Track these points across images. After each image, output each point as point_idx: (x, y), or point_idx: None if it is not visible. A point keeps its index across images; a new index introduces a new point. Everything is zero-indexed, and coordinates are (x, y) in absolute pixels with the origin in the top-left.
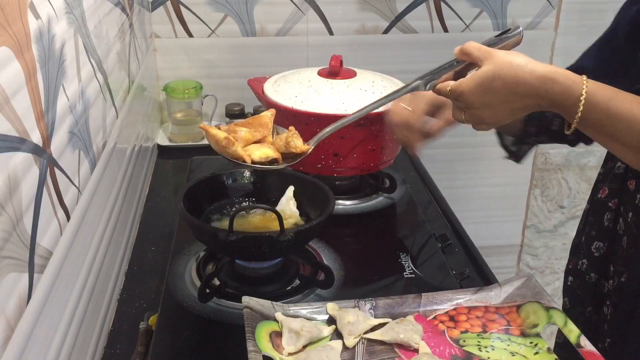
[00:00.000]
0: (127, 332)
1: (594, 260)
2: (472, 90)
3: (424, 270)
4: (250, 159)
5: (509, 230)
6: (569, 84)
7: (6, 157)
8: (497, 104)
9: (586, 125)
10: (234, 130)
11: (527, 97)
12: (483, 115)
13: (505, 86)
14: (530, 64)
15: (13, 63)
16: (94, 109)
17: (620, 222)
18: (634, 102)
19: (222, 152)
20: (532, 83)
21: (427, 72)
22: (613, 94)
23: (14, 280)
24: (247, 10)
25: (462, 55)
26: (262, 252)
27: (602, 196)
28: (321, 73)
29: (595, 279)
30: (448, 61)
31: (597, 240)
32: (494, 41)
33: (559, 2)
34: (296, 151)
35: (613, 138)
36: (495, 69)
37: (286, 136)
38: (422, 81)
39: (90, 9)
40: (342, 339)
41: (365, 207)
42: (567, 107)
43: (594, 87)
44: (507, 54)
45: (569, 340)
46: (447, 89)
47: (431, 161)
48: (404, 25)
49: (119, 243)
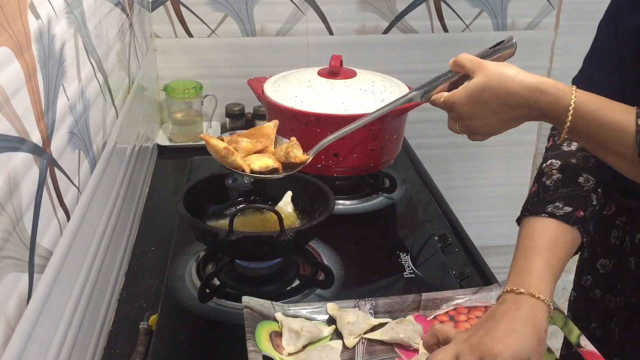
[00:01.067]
0: (127, 332)
1: (599, 277)
2: (463, 101)
3: (424, 270)
4: (249, 169)
5: (509, 230)
6: (557, 95)
7: (6, 157)
8: (488, 114)
9: (576, 134)
10: (235, 141)
11: (517, 108)
12: (475, 126)
13: (495, 97)
14: (520, 75)
15: (13, 63)
16: (94, 109)
17: (627, 241)
18: (623, 111)
19: (222, 161)
20: (522, 94)
21: (423, 83)
22: (601, 103)
23: (14, 280)
24: (247, 10)
25: (456, 66)
26: (262, 252)
27: (609, 213)
28: (321, 73)
29: (600, 295)
30: (443, 72)
31: (602, 257)
32: (488, 53)
33: (559, 2)
34: (296, 161)
35: (603, 147)
36: (486, 80)
37: (286, 146)
38: (418, 92)
39: (90, 9)
40: (342, 339)
41: (365, 207)
42: (556, 117)
43: (582, 97)
44: (498, 65)
45: (569, 340)
46: (441, 100)
47: (431, 161)
48: (404, 25)
49: (119, 243)
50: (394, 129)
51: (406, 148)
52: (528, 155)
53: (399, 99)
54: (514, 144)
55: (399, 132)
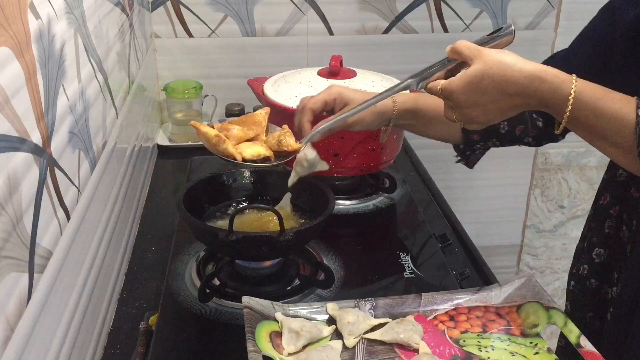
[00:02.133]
0: (127, 332)
1: (595, 267)
2: (461, 89)
3: (424, 270)
4: (241, 157)
5: (509, 230)
6: (557, 83)
7: (6, 157)
8: (486, 103)
9: (575, 124)
10: (226, 128)
11: (516, 96)
12: (473, 114)
13: (494, 85)
14: (519, 63)
15: (13, 63)
16: (94, 109)
17: (624, 230)
18: (622, 101)
19: (213, 149)
20: (521, 82)
21: (420, 71)
22: (602, 93)
23: (14, 280)
24: (247, 10)
25: (453, 53)
26: (262, 252)
27: (604, 203)
28: (321, 73)
29: (597, 285)
30: (440, 60)
31: (597, 247)
32: (486, 40)
33: (559, 2)
34: (288, 149)
35: (602, 138)
36: (485, 68)
37: (279, 134)
38: (414, 80)
39: (90, 9)
40: (342, 339)
41: (365, 207)
42: (556, 106)
43: (582, 86)
44: (496, 52)
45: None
46: (437, 88)
47: (431, 161)
48: (404, 25)
49: (119, 243)
50: (394, 129)
51: (406, 148)
52: (528, 155)
53: (394, 86)
54: None
55: (399, 132)
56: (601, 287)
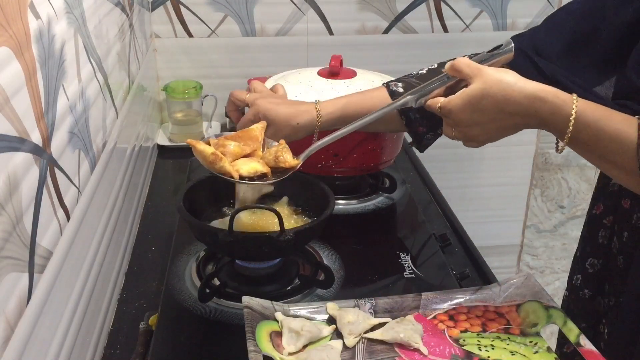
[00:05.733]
0: (127, 332)
1: (588, 277)
2: (460, 108)
3: (424, 270)
4: (237, 175)
5: (509, 230)
6: (558, 104)
7: (6, 157)
8: (486, 122)
9: (576, 144)
10: (222, 145)
11: (516, 116)
12: (472, 133)
13: (494, 104)
14: (520, 82)
15: (13, 63)
16: (94, 109)
17: (615, 241)
18: (624, 122)
19: (210, 167)
20: (521, 102)
21: (418, 87)
22: (603, 113)
23: (14, 280)
24: (247, 10)
25: (453, 71)
26: (262, 252)
27: (597, 212)
28: (321, 73)
29: (589, 295)
30: (439, 76)
31: (591, 256)
32: (485, 57)
33: (559, 2)
34: (285, 165)
35: (604, 158)
36: (484, 87)
37: (275, 150)
38: (413, 97)
39: (90, 9)
40: (342, 339)
41: (365, 207)
42: (557, 126)
43: (583, 107)
44: (496, 71)
45: (569, 339)
46: (436, 106)
47: (431, 161)
48: (404, 25)
49: (119, 243)
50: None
51: (406, 148)
52: (528, 155)
53: (392, 103)
54: (513, 144)
55: (398, 132)
56: (594, 298)
